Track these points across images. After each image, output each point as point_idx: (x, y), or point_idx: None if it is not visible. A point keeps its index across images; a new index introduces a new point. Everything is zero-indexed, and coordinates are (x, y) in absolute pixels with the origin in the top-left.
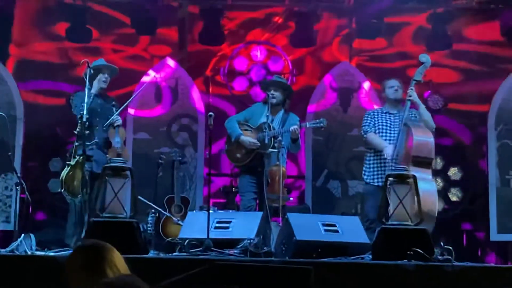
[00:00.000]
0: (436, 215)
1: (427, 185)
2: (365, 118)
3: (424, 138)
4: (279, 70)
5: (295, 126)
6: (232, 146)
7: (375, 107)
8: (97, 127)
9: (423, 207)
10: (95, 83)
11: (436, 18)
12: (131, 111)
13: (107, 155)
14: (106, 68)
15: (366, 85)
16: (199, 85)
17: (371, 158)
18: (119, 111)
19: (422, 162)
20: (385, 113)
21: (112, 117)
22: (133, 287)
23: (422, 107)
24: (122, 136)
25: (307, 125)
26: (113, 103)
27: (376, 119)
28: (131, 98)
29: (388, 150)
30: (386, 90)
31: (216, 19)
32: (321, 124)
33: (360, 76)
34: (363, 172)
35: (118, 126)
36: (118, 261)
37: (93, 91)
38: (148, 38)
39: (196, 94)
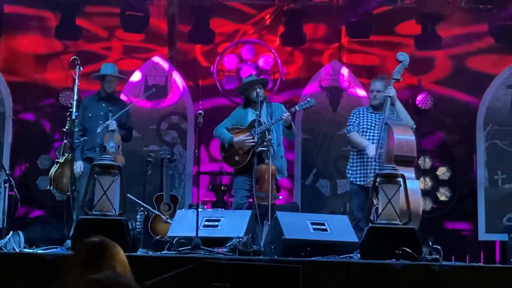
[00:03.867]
0: (420, 213)
1: (410, 183)
2: (351, 116)
3: (404, 136)
4: (269, 68)
5: (286, 113)
6: (228, 152)
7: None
8: (99, 131)
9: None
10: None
11: (426, 18)
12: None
13: None
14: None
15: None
16: (188, 83)
17: (354, 157)
18: (115, 116)
19: (404, 161)
20: (371, 112)
21: (106, 122)
22: (119, 284)
23: (398, 105)
24: (117, 141)
25: (297, 108)
26: (110, 108)
27: (362, 118)
28: (126, 108)
29: (370, 149)
30: (369, 92)
31: (205, 17)
32: (310, 104)
33: (350, 75)
34: (347, 171)
35: (112, 131)
36: (121, 260)
37: (102, 95)
38: (138, 35)
39: (185, 92)
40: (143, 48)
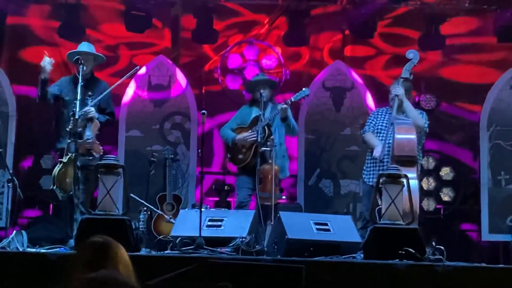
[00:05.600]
0: (418, 212)
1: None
2: (369, 117)
3: (405, 136)
4: (272, 67)
5: (283, 105)
6: (232, 152)
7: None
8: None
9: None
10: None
11: (429, 19)
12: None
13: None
14: (80, 55)
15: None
16: (192, 83)
17: (369, 157)
18: (93, 102)
19: (405, 160)
20: (390, 113)
21: (85, 108)
22: (116, 282)
23: (407, 104)
24: (95, 130)
25: (292, 99)
26: (89, 93)
27: (378, 119)
28: (107, 91)
29: (377, 150)
30: (389, 93)
31: (209, 17)
32: (305, 93)
33: (353, 75)
34: (362, 171)
35: (90, 118)
36: (123, 260)
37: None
38: (141, 35)
39: (189, 92)
40: (147, 45)
